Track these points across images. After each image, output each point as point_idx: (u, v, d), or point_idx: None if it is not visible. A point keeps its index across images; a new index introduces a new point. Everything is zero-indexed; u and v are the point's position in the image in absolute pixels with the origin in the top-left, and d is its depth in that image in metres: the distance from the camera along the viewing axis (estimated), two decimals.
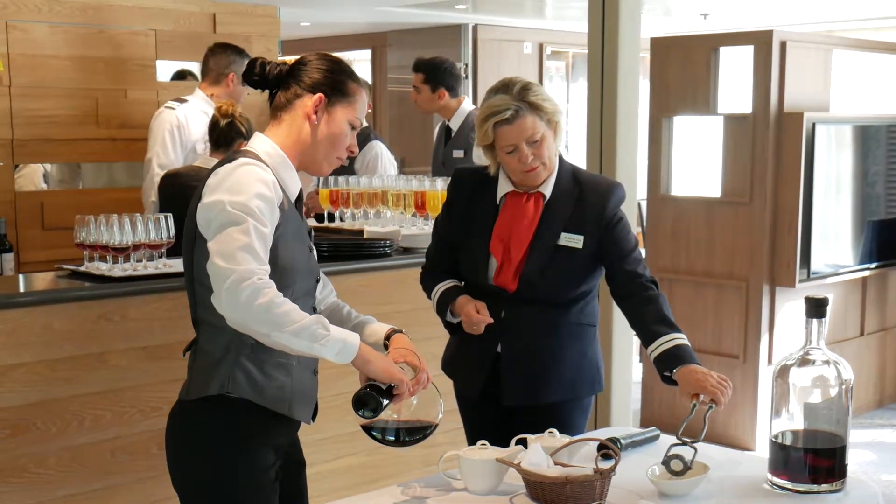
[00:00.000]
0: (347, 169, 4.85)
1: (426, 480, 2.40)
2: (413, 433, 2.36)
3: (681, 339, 2.60)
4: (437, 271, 2.94)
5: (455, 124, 5.27)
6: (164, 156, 4.57)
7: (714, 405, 2.41)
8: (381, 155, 5.06)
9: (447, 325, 2.94)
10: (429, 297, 2.94)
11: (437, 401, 2.40)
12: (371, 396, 2.24)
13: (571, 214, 2.78)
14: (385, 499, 2.26)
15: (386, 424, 2.35)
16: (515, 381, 2.81)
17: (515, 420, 2.77)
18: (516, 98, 2.69)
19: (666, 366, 2.56)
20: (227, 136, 4.07)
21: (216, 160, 3.95)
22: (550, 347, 2.80)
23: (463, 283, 2.91)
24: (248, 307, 2.11)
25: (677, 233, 5.88)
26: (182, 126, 4.60)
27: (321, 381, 2.50)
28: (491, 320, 2.76)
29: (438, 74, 5.21)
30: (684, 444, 2.32)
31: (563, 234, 2.77)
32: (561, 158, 2.84)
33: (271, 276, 2.18)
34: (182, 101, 4.70)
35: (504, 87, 2.73)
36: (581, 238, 2.76)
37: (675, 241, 5.89)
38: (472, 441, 2.82)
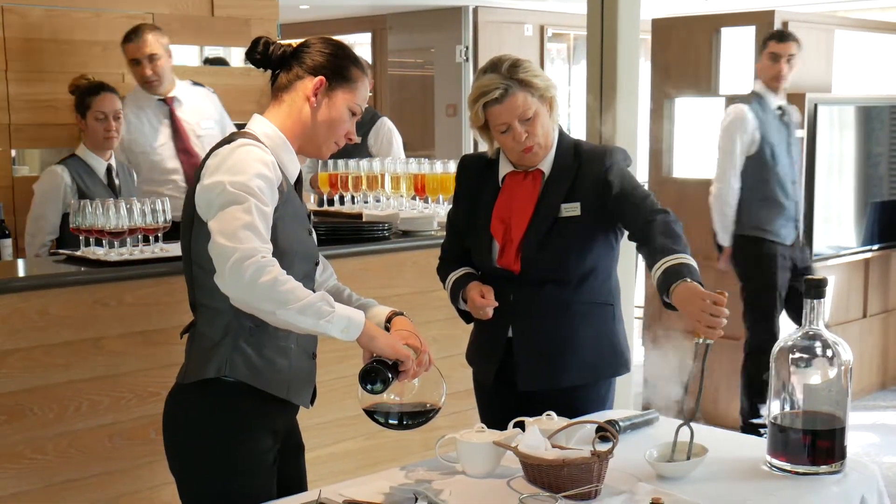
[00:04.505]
0: (361, 147, 4.87)
1: (426, 464, 2.38)
2: (416, 416, 2.33)
3: (667, 262, 2.46)
4: (451, 261, 2.90)
5: None
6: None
7: (710, 341, 2.29)
8: (393, 130, 5.13)
9: (461, 313, 2.89)
10: (445, 287, 2.90)
11: (440, 383, 2.38)
12: (378, 370, 2.21)
13: (570, 187, 2.71)
14: (384, 482, 2.25)
15: (388, 408, 2.33)
16: (529, 364, 2.76)
17: (534, 405, 2.64)
18: (505, 77, 2.63)
19: (662, 296, 2.44)
20: None
21: None
22: (563, 328, 2.74)
23: (479, 270, 2.85)
24: (252, 285, 2.09)
25: (679, 214, 5.63)
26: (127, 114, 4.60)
27: (319, 365, 2.49)
28: (495, 304, 2.71)
29: None
30: (686, 423, 2.30)
31: (562, 206, 2.70)
32: (562, 133, 2.79)
33: None
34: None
35: (493, 66, 2.67)
36: (578, 204, 2.70)
37: None
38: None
